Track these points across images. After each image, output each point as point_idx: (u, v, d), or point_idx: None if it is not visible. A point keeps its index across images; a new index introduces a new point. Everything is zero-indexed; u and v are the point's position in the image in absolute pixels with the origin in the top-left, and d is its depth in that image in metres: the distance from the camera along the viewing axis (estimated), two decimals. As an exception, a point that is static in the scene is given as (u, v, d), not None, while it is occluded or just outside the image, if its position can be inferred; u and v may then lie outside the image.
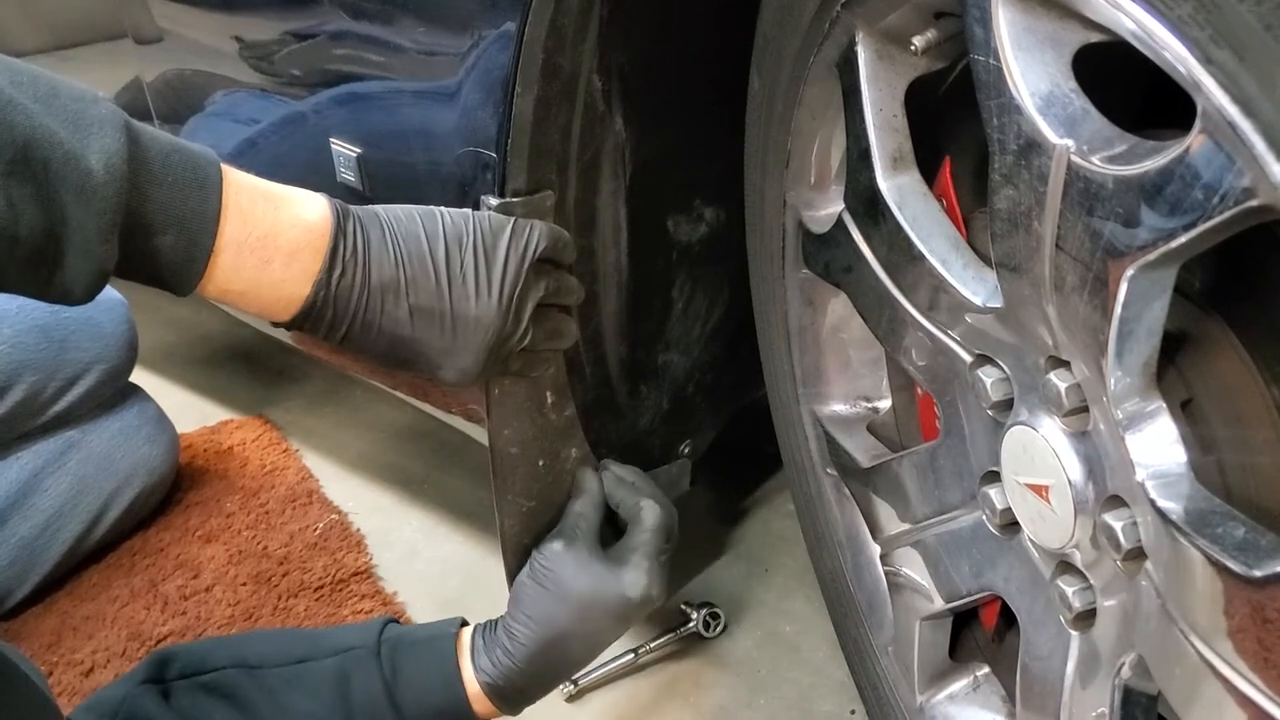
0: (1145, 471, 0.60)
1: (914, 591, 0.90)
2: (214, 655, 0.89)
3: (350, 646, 0.90)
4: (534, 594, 0.90)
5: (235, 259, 0.70)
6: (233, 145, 1.18)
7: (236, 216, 0.69)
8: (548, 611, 0.89)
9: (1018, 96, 0.59)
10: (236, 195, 0.70)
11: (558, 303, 0.84)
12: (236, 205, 0.69)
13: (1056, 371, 0.65)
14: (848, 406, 0.99)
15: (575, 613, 0.89)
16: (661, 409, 1.12)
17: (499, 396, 0.90)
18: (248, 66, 1.13)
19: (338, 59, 0.99)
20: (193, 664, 0.87)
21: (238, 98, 1.17)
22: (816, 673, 1.18)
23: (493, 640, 0.91)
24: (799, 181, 0.87)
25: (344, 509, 1.47)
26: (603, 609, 0.89)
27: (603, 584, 0.89)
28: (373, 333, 0.76)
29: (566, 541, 0.91)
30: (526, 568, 0.93)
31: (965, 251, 0.74)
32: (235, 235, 0.69)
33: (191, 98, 1.26)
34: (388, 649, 0.90)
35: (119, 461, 1.38)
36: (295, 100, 1.08)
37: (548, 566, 0.90)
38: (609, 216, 0.97)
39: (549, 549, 0.91)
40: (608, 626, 0.91)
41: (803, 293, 0.95)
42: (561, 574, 0.90)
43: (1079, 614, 0.69)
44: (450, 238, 0.76)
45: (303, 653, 0.89)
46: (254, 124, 1.15)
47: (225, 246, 0.69)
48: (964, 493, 0.80)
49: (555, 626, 0.89)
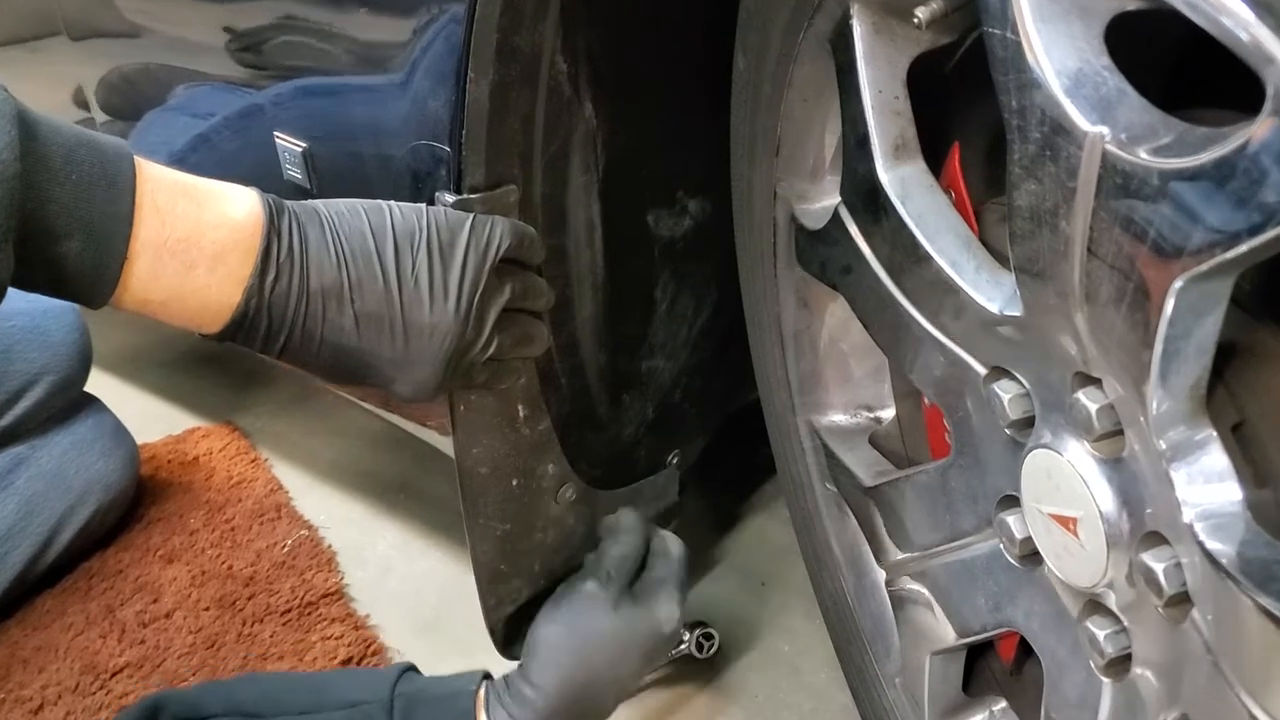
0: (1193, 511, 0.53)
1: (923, 623, 0.84)
2: (206, 701, 0.84)
3: (360, 700, 0.84)
4: (562, 638, 0.85)
5: (153, 265, 0.65)
6: (177, 144, 1.13)
7: (153, 216, 0.64)
8: (575, 660, 0.84)
9: (1040, 75, 0.52)
10: (153, 193, 0.64)
11: (525, 307, 0.80)
12: (153, 204, 0.64)
13: (1085, 390, 0.58)
14: (848, 417, 0.94)
15: (610, 657, 0.85)
16: (646, 418, 1.08)
17: (465, 412, 0.85)
18: (187, 57, 1.08)
19: (279, 45, 0.94)
20: (184, 712, 0.83)
21: (179, 93, 1.13)
22: (818, 697, 1.13)
23: (511, 690, 0.85)
24: (790, 172, 0.83)
25: (314, 523, 1.42)
26: (639, 650, 0.86)
27: (636, 624, 0.86)
28: (314, 344, 0.71)
29: (601, 583, 0.87)
30: (549, 607, 0.88)
31: (978, 251, 0.68)
32: (152, 238, 0.64)
33: (136, 95, 1.20)
34: (402, 705, 0.84)
35: (72, 478, 1.32)
36: (238, 92, 1.03)
37: (576, 609, 0.86)
38: (581, 213, 0.92)
39: (582, 590, 0.87)
40: (638, 670, 0.87)
41: (797, 294, 0.90)
42: (594, 618, 0.85)
43: (1111, 660, 0.63)
44: (400, 235, 0.72)
45: (307, 703, 0.84)
46: (197, 120, 1.10)
47: (141, 251, 0.64)
48: (978, 518, 0.74)
49: (583, 675, 0.84)
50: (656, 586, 0.88)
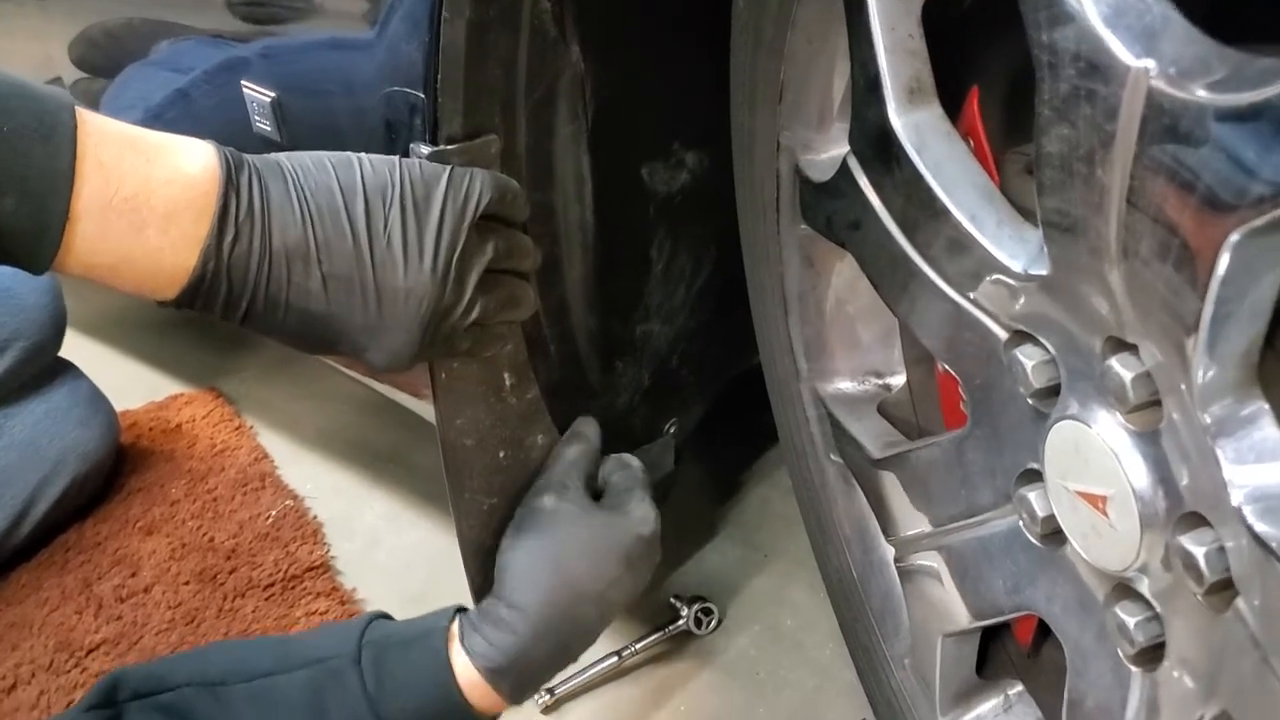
0: (1241, 491, 0.49)
1: (935, 603, 0.80)
2: (172, 673, 0.80)
3: (325, 656, 0.80)
4: (529, 556, 0.81)
5: (99, 226, 0.61)
6: (151, 101, 1.08)
7: (96, 173, 0.61)
8: (551, 571, 0.80)
9: (1075, 4, 0.49)
10: (96, 146, 0.61)
11: (509, 268, 0.76)
12: (96, 159, 0.61)
13: (1119, 356, 0.55)
14: (855, 384, 0.90)
15: (584, 566, 0.80)
16: (642, 385, 1.04)
17: (446, 381, 0.82)
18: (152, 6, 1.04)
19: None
20: (147, 684, 0.79)
21: (149, 47, 1.08)
22: (822, 674, 1.10)
23: (485, 616, 0.80)
24: (794, 119, 0.80)
25: (300, 493, 1.40)
26: (615, 554, 0.81)
27: (610, 527, 0.82)
28: (280, 310, 0.67)
29: (558, 492, 0.83)
30: (510, 533, 0.83)
31: (1000, 204, 0.64)
32: (96, 196, 0.61)
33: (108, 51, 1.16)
34: (370, 655, 0.79)
35: (46, 448, 1.30)
36: (205, 42, 0.98)
37: (539, 525, 0.82)
38: (569, 165, 0.88)
39: (538, 504, 0.83)
40: (621, 576, 0.82)
41: (802, 252, 0.86)
42: (559, 527, 0.81)
43: (1142, 649, 0.59)
44: (371, 191, 0.69)
45: (272, 665, 0.80)
46: (169, 74, 1.05)
47: (85, 211, 0.61)
48: (996, 494, 0.70)
49: (563, 587, 0.80)
50: (623, 493, 0.85)
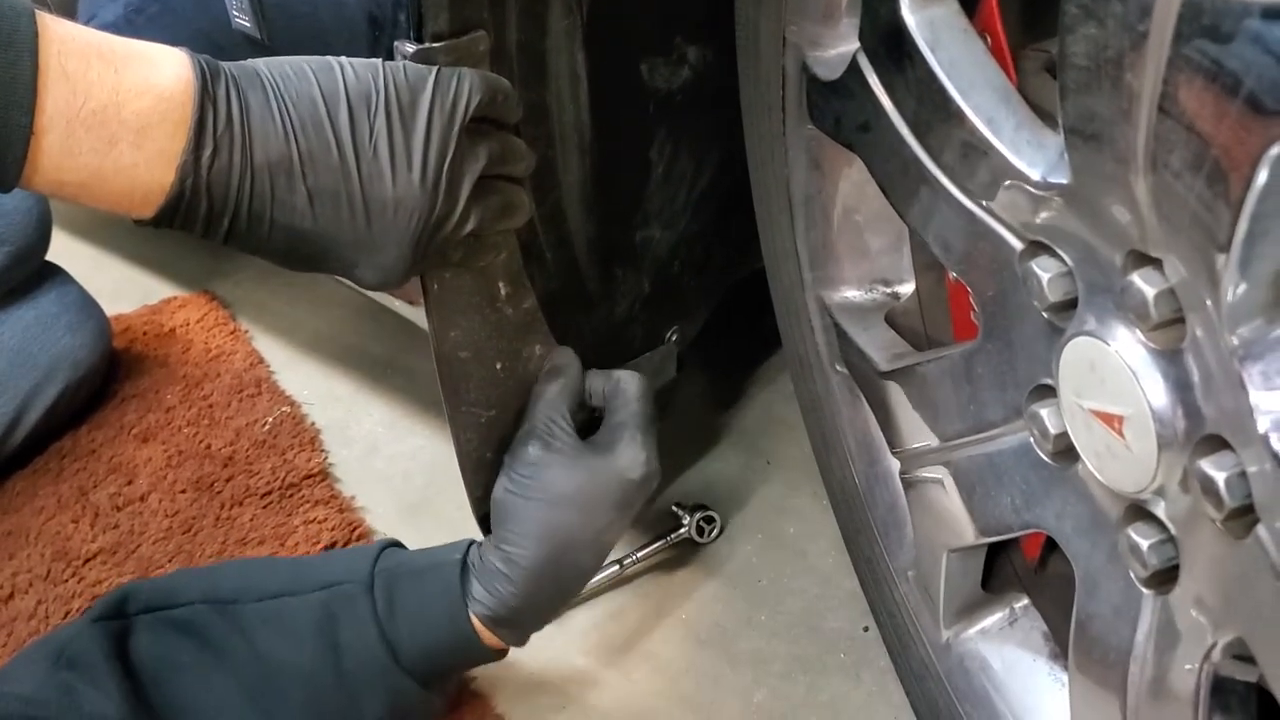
0: (1269, 417, 0.47)
1: (941, 517, 0.79)
2: (183, 588, 0.81)
3: (339, 580, 0.81)
4: (521, 507, 0.80)
5: (65, 140, 0.59)
6: None
7: (61, 83, 0.58)
8: (543, 523, 0.80)
9: None
10: (60, 55, 0.58)
11: (503, 173, 0.73)
12: (60, 69, 0.58)
13: (1141, 271, 0.52)
14: (862, 292, 0.88)
15: (575, 517, 0.80)
16: (642, 293, 1.01)
17: (439, 292, 0.80)
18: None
19: None
20: (158, 598, 0.80)
21: None
22: (824, 582, 1.09)
23: (485, 565, 0.81)
24: (802, 13, 0.77)
25: (297, 399, 1.37)
26: (606, 502, 0.81)
27: (598, 475, 0.81)
28: (264, 227, 0.65)
29: (543, 441, 0.82)
30: (503, 478, 0.83)
31: (1018, 107, 0.61)
32: (62, 108, 0.58)
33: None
34: (383, 582, 0.80)
35: (36, 355, 1.27)
36: None
37: (528, 475, 0.81)
38: (564, 63, 0.84)
39: (524, 455, 0.82)
40: (613, 520, 0.82)
41: (808, 154, 0.84)
42: (548, 478, 0.80)
43: (1156, 572, 0.57)
44: (355, 98, 0.66)
45: (285, 586, 0.81)
46: None
47: (51, 125, 0.58)
48: (1007, 409, 0.68)
49: (555, 538, 0.80)
50: (616, 431, 0.83)
